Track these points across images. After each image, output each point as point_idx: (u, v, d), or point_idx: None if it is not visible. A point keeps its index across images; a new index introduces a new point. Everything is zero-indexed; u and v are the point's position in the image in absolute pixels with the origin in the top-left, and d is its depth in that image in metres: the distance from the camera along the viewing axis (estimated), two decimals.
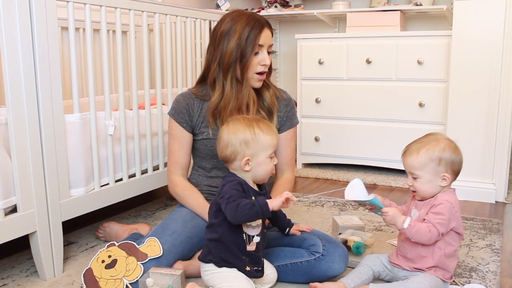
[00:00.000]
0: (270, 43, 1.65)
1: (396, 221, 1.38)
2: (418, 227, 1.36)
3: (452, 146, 1.39)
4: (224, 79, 1.63)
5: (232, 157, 1.37)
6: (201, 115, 1.68)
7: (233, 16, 1.62)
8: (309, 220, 2.15)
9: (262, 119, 1.43)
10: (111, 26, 2.29)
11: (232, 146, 1.36)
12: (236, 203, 1.28)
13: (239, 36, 1.58)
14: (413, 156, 1.39)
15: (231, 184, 1.34)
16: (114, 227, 1.93)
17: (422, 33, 2.75)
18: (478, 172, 2.42)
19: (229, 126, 1.39)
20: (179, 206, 1.72)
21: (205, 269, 1.40)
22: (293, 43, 3.50)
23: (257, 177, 1.40)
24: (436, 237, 1.36)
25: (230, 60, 1.59)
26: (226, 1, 3.43)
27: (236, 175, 1.39)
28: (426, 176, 1.39)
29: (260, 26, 1.60)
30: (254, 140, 1.35)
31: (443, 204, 1.36)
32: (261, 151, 1.36)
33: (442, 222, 1.35)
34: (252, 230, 1.36)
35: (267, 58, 1.63)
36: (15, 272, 1.66)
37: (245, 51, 1.59)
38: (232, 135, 1.36)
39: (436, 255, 1.39)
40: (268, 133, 1.37)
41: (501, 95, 2.35)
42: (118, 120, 1.85)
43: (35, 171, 1.50)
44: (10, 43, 1.40)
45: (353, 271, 1.49)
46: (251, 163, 1.36)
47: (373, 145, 2.91)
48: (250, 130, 1.36)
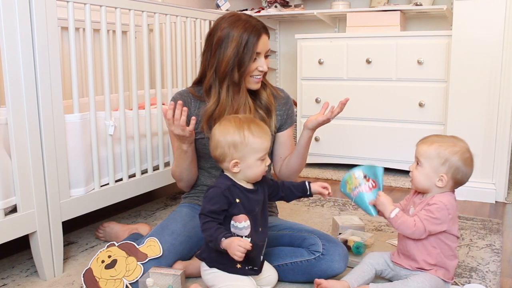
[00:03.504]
0: (268, 49, 1.62)
1: (386, 207, 1.42)
2: (404, 219, 1.39)
3: (465, 156, 1.39)
4: (220, 87, 1.60)
5: (221, 159, 1.36)
6: (198, 115, 1.67)
7: (230, 22, 1.57)
8: (309, 220, 2.15)
9: (255, 120, 1.40)
10: (111, 26, 2.29)
11: (221, 148, 1.34)
12: (206, 227, 1.30)
13: (236, 45, 1.54)
14: (426, 145, 1.42)
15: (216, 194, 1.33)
16: (114, 227, 1.93)
17: (422, 33, 2.75)
18: (478, 172, 2.42)
19: (220, 127, 1.37)
20: (179, 206, 1.72)
21: (205, 268, 1.40)
22: (293, 43, 3.50)
23: (247, 178, 1.38)
24: (421, 233, 1.37)
25: (227, 69, 1.56)
26: (226, 1, 3.43)
27: (228, 177, 1.38)
28: (427, 168, 1.40)
29: (258, 34, 1.57)
30: (243, 144, 1.33)
31: (437, 205, 1.37)
32: (250, 154, 1.34)
33: (430, 220, 1.36)
34: (240, 231, 1.34)
35: (264, 64, 1.61)
36: (15, 272, 1.66)
37: (243, 60, 1.56)
38: (222, 136, 1.34)
39: (433, 254, 1.40)
40: (259, 135, 1.34)
41: (501, 95, 2.35)
42: (118, 120, 1.85)
43: (35, 171, 1.50)
44: (10, 43, 1.40)
45: (356, 269, 1.48)
46: (240, 165, 1.34)
47: (373, 145, 2.91)
48: (239, 133, 1.33)
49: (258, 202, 1.40)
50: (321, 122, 1.59)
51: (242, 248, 1.22)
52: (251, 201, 1.37)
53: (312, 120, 1.60)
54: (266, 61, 1.62)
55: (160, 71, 2.06)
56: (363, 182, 1.46)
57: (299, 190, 1.51)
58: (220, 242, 1.26)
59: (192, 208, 1.69)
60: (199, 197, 1.72)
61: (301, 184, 1.51)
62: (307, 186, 1.50)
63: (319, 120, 1.59)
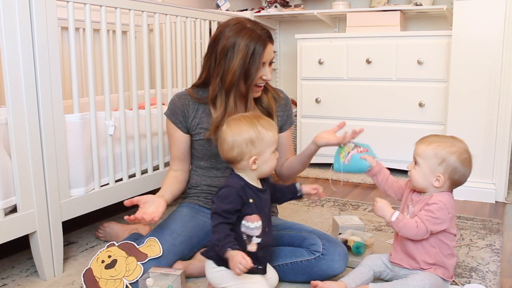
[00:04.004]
0: (272, 57, 1.62)
1: (385, 212, 1.41)
2: (406, 221, 1.38)
3: (463, 157, 1.39)
4: (227, 97, 1.60)
5: (239, 158, 1.35)
6: (196, 116, 1.68)
7: (235, 31, 1.55)
8: (309, 220, 2.15)
9: (261, 116, 1.42)
10: (111, 26, 2.29)
11: (239, 147, 1.34)
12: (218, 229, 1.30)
13: (242, 56, 1.53)
14: (424, 145, 1.42)
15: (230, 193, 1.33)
16: (114, 227, 1.94)
17: (422, 33, 2.76)
18: (478, 172, 2.42)
19: (231, 128, 1.36)
20: (179, 206, 1.72)
21: (212, 266, 1.37)
22: (293, 43, 3.50)
23: (262, 174, 1.40)
24: (424, 233, 1.37)
25: (233, 80, 1.56)
26: (226, 1, 3.43)
27: (240, 177, 1.38)
28: (424, 168, 1.40)
29: (264, 43, 1.55)
30: (259, 139, 1.34)
31: (437, 204, 1.38)
32: (266, 148, 1.36)
33: (431, 220, 1.36)
34: (251, 231, 1.35)
35: (268, 73, 1.61)
36: (15, 272, 1.66)
37: (249, 71, 1.55)
38: (237, 136, 1.34)
39: (432, 253, 1.40)
40: (270, 129, 1.37)
41: (501, 95, 2.35)
42: (118, 120, 1.85)
43: (35, 171, 1.50)
44: (10, 43, 1.40)
45: (354, 271, 1.49)
46: (258, 161, 1.35)
47: (373, 145, 2.89)
48: (254, 129, 1.34)
49: (267, 201, 1.42)
50: (331, 145, 1.60)
51: (243, 267, 1.22)
52: (262, 201, 1.39)
53: (323, 140, 1.60)
54: (269, 68, 1.62)
55: (160, 71, 2.06)
56: (355, 148, 1.58)
57: (290, 191, 1.53)
58: (225, 251, 1.26)
59: (192, 208, 1.69)
60: (199, 197, 1.72)
61: (292, 186, 1.53)
62: (297, 188, 1.53)
63: (330, 142, 1.59)
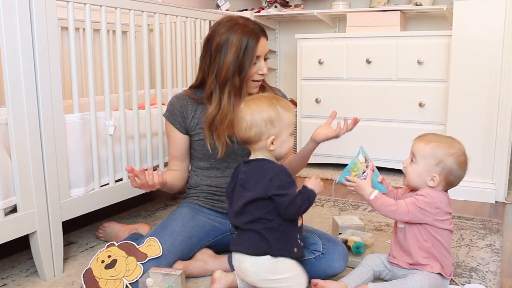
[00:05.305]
0: (267, 51, 1.63)
1: (365, 191, 1.43)
2: (384, 199, 1.40)
3: (460, 159, 1.39)
4: (221, 93, 1.61)
5: (256, 138, 1.33)
6: (195, 117, 1.68)
7: (227, 27, 1.58)
8: (309, 220, 2.15)
9: (279, 97, 1.39)
10: (111, 26, 2.29)
11: (257, 126, 1.31)
12: (296, 205, 1.27)
13: (236, 50, 1.55)
14: (422, 143, 1.42)
15: (284, 173, 1.31)
16: (114, 227, 1.94)
17: (422, 33, 2.75)
18: (478, 172, 2.42)
19: (250, 107, 1.34)
20: (179, 206, 1.72)
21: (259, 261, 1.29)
22: (293, 43, 3.50)
23: (279, 156, 1.38)
24: (403, 213, 1.38)
25: (228, 75, 1.57)
26: (226, 1, 3.43)
27: (265, 158, 1.35)
28: (421, 166, 1.41)
29: (257, 37, 1.58)
30: (278, 119, 1.32)
31: (425, 197, 1.39)
32: (284, 129, 1.34)
33: (414, 206, 1.38)
34: None
35: (264, 67, 1.62)
36: (15, 272, 1.66)
37: (243, 65, 1.57)
38: (256, 115, 1.32)
39: (425, 247, 1.40)
40: (289, 110, 1.36)
41: (501, 95, 2.35)
42: (118, 120, 1.85)
43: (35, 171, 1.50)
44: (10, 43, 1.40)
45: (353, 271, 1.49)
46: (276, 142, 1.33)
47: (373, 145, 2.91)
48: (273, 108, 1.32)
49: None
50: (330, 138, 1.60)
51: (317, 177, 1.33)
52: None
53: (321, 135, 1.60)
54: (265, 63, 1.63)
55: (160, 71, 2.06)
56: (368, 164, 1.53)
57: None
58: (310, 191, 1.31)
59: (192, 208, 1.69)
60: (199, 197, 1.72)
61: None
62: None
63: (328, 136, 1.59)
